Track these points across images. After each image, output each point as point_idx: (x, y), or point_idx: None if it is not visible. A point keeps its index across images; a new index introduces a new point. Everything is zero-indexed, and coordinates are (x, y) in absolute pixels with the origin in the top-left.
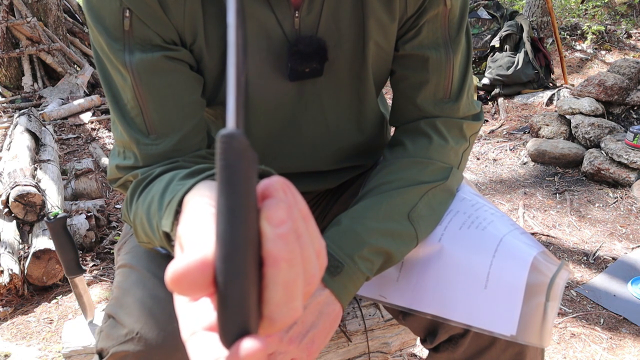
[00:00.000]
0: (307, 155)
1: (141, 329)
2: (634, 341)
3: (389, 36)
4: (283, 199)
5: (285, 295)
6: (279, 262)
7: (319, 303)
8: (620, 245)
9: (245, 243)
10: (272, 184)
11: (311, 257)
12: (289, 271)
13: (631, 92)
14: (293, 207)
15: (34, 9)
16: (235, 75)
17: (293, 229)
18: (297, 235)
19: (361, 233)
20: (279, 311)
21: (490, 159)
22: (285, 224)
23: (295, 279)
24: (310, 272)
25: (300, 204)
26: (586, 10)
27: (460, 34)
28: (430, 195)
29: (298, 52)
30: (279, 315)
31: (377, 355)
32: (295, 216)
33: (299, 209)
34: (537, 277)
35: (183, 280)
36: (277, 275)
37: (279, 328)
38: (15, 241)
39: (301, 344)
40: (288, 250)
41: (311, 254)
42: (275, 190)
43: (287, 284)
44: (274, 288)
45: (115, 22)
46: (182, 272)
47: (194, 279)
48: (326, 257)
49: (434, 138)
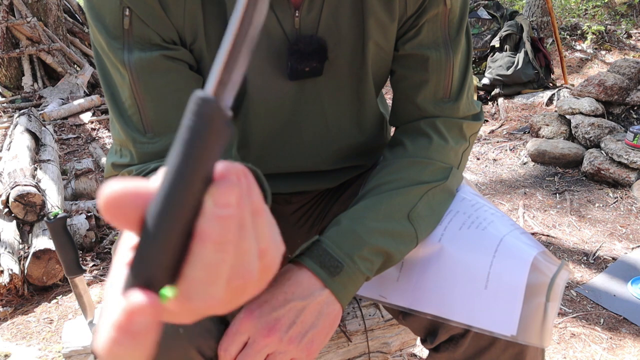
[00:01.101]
0: (307, 155)
1: None
2: (634, 341)
3: (389, 36)
4: (236, 184)
5: (203, 276)
6: (206, 240)
7: (319, 303)
8: (620, 245)
9: (181, 207)
10: (233, 168)
11: (250, 252)
12: (214, 254)
13: (631, 92)
14: (244, 197)
15: (34, 9)
16: (232, 44)
17: (236, 216)
18: (240, 225)
19: (361, 233)
20: (193, 290)
21: (490, 159)
22: (229, 207)
23: (219, 264)
24: (245, 267)
25: (254, 197)
26: (586, 10)
27: (460, 34)
28: (430, 195)
29: (298, 51)
30: (192, 294)
31: (377, 355)
32: (244, 206)
33: (252, 202)
34: (537, 277)
35: (114, 201)
36: (201, 253)
37: (191, 309)
38: (15, 241)
39: (301, 344)
40: (220, 233)
41: (251, 249)
42: (233, 174)
43: (207, 266)
44: (193, 264)
45: (115, 20)
46: (116, 193)
47: (124, 203)
48: (276, 263)
49: (434, 138)
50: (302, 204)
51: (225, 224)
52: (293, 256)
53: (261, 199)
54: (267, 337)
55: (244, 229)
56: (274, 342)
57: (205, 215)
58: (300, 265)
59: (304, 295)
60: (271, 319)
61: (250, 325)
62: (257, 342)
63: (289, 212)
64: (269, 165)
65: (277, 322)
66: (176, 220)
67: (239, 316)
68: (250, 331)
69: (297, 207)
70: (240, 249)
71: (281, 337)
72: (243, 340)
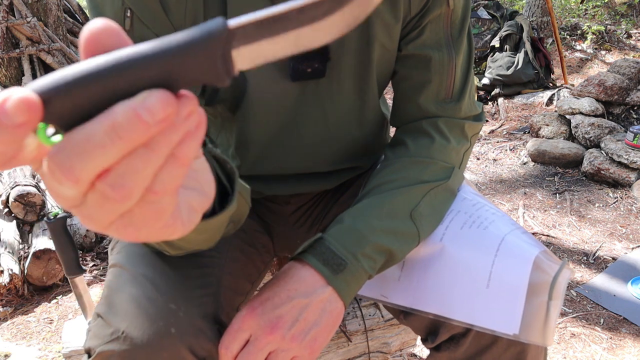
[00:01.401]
0: (307, 155)
1: (127, 328)
2: (634, 341)
3: (394, 37)
4: (173, 107)
5: (81, 146)
6: (107, 118)
7: (322, 300)
8: (620, 245)
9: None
10: (194, 101)
11: (135, 174)
12: (103, 136)
13: (631, 92)
14: (173, 131)
15: (34, 9)
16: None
17: (145, 130)
18: (147, 144)
19: (364, 231)
20: (67, 151)
21: (490, 159)
22: (150, 115)
23: (100, 147)
24: (120, 183)
25: (186, 148)
26: (586, 10)
27: (462, 35)
28: (432, 194)
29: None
30: (64, 155)
31: (377, 355)
32: (165, 136)
33: (181, 148)
34: (539, 275)
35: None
36: (96, 126)
37: (58, 173)
38: (15, 241)
39: (303, 342)
40: (120, 124)
41: (138, 174)
42: (190, 103)
43: (91, 140)
44: (83, 129)
45: (117, 21)
46: (102, 28)
47: (107, 36)
48: (170, 224)
49: (435, 138)
50: (301, 204)
51: (133, 124)
52: (296, 253)
53: (192, 157)
54: (269, 335)
55: (148, 151)
56: (277, 340)
57: (128, 102)
58: (303, 262)
59: (307, 293)
60: (274, 316)
61: (253, 323)
62: (259, 340)
63: (288, 212)
64: (269, 166)
65: (280, 319)
66: (111, 78)
67: (241, 313)
68: (253, 329)
69: (296, 208)
70: (130, 163)
71: (284, 334)
72: (245, 338)
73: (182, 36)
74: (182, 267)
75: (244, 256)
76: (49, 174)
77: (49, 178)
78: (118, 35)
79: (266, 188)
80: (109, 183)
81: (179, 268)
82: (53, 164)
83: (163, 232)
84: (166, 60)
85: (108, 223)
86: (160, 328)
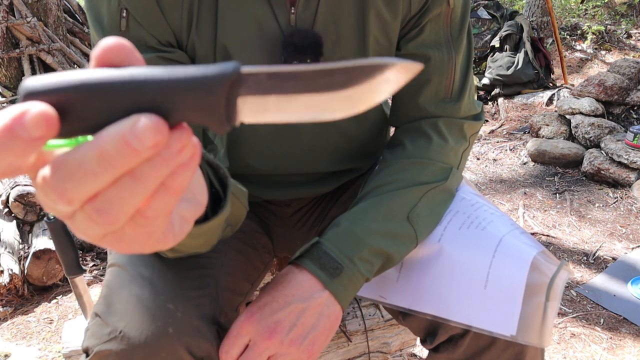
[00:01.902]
0: (306, 156)
1: (124, 328)
2: (634, 341)
3: (390, 34)
4: (162, 137)
5: (73, 166)
6: (96, 142)
7: (319, 305)
8: (620, 245)
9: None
10: (189, 136)
11: (121, 200)
12: (92, 161)
13: (631, 92)
14: (166, 161)
15: (34, 9)
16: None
17: (132, 157)
18: (134, 171)
19: (361, 234)
20: (54, 176)
21: (490, 159)
22: (139, 142)
23: (88, 171)
24: (103, 206)
25: (179, 179)
26: (586, 10)
27: (462, 34)
28: (430, 195)
29: (292, 44)
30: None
31: (377, 355)
32: (158, 165)
33: (174, 178)
34: (537, 277)
35: (113, 49)
36: (88, 146)
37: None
38: (15, 241)
39: (302, 346)
40: (108, 151)
41: (125, 198)
42: (184, 136)
43: (81, 160)
44: (77, 149)
45: (113, 21)
46: (116, 45)
47: (118, 54)
48: (157, 242)
49: (433, 138)
50: (301, 206)
51: (122, 152)
52: (293, 258)
53: (185, 187)
54: (268, 340)
55: (135, 181)
56: (275, 345)
57: (116, 127)
58: (300, 267)
59: (305, 297)
60: (272, 321)
61: (251, 328)
62: (258, 345)
63: (288, 214)
64: (266, 166)
65: (278, 324)
66: (112, 92)
67: (240, 319)
68: (251, 334)
69: (296, 209)
70: (117, 191)
71: (282, 339)
72: (244, 343)
73: (193, 69)
74: (181, 268)
75: (243, 257)
76: (42, 190)
77: (41, 192)
78: (130, 53)
79: (265, 193)
80: (95, 208)
81: (177, 268)
82: (47, 185)
83: (155, 246)
84: (171, 87)
85: (99, 238)
86: (158, 328)
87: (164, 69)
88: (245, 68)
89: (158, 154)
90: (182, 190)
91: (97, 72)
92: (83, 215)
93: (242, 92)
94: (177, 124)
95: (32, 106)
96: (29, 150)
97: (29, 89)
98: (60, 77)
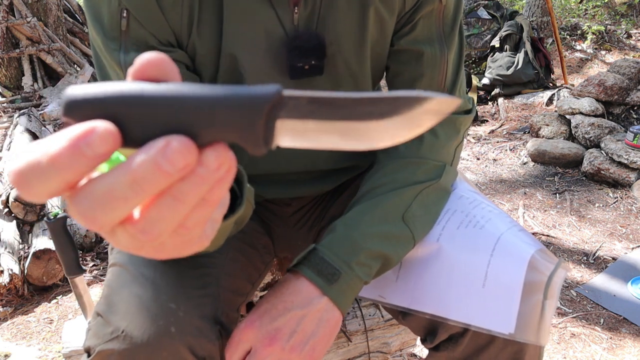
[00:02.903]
0: (306, 154)
1: (127, 327)
2: (634, 341)
3: (386, 32)
4: (191, 157)
5: (99, 198)
6: (131, 162)
7: (319, 311)
8: (620, 245)
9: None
10: (227, 155)
11: (161, 218)
12: (127, 184)
13: (631, 92)
14: (201, 180)
15: (34, 9)
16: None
17: (167, 176)
18: (173, 192)
19: (357, 239)
20: (82, 204)
21: (490, 159)
22: (171, 165)
23: (120, 190)
24: (154, 227)
25: (217, 192)
26: (586, 10)
27: (454, 30)
28: (424, 194)
29: (297, 48)
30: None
31: (377, 355)
32: (195, 185)
33: (212, 191)
34: (534, 275)
35: (154, 63)
36: (113, 178)
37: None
38: (15, 241)
39: (302, 352)
40: (142, 172)
41: (166, 217)
42: (220, 153)
43: (107, 192)
44: (101, 181)
45: (113, 22)
46: (156, 59)
47: (159, 65)
48: (188, 249)
49: (425, 136)
50: (302, 205)
51: (154, 175)
52: (291, 266)
53: (220, 198)
54: (269, 347)
55: (177, 202)
56: (276, 351)
57: (146, 151)
58: (298, 274)
59: (303, 304)
60: (272, 328)
61: (252, 335)
62: (259, 352)
63: (288, 213)
64: (266, 165)
65: (278, 331)
66: (153, 115)
67: (240, 326)
68: (252, 341)
69: (297, 209)
70: (160, 212)
71: (283, 346)
72: (246, 349)
73: (235, 88)
74: (182, 267)
75: (243, 257)
76: (72, 214)
77: (72, 215)
78: (170, 68)
79: (266, 192)
80: (139, 229)
81: (178, 268)
82: (76, 212)
83: (190, 251)
84: (212, 104)
85: (137, 249)
86: (160, 327)
87: (204, 87)
88: (287, 91)
89: (196, 173)
90: (220, 201)
91: (137, 86)
92: (125, 233)
93: (282, 115)
94: (214, 141)
95: (97, 125)
96: (91, 168)
97: (71, 98)
98: (102, 89)
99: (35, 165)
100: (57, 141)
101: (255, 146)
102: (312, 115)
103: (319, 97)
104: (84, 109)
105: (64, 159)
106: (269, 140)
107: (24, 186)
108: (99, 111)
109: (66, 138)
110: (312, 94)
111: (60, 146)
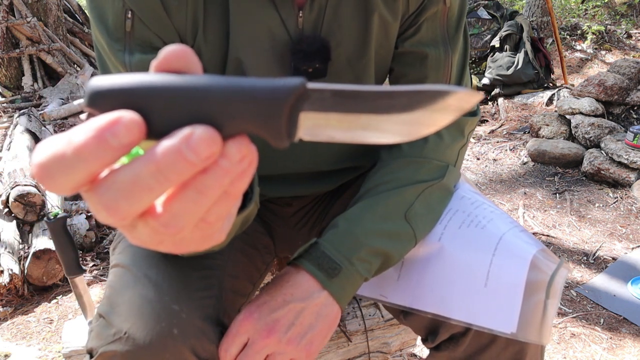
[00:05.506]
0: (308, 155)
1: (129, 329)
2: (634, 341)
3: (391, 35)
4: (215, 148)
5: (123, 188)
6: (156, 151)
7: (318, 304)
8: (620, 245)
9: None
10: (250, 148)
11: (186, 211)
12: (151, 172)
13: (631, 92)
14: (223, 171)
15: (34, 9)
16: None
17: (190, 166)
18: (197, 185)
19: (358, 235)
20: (106, 194)
21: (490, 159)
22: (195, 154)
23: (144, 179)
24: (177, 220)
25: (238, 184)
26: (586, 10)
27: (458, 33)
28: (427, 194)
29: (301, 51)
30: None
31: (377, 355)
32: (219, 176)
33: (233, 183)
34: (536, 274)
35: (177, 55)
36: (137, 167)
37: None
38: (15, 241)
39: (300, 345)
40: (167, 163)
41: (188, 209)
42: (243, 146)
43: (132, 182)
44: (124, 171)
45: (118, 22)
46: (181, 51)
47: (182, 57)
48: (208, 242)
49: (429, 136)
50: (302, 205)
51: (178, 165)
52: (291, 259)
53: (241, 191)
54: (266, 338)
55: (200, 195)
56: (273, 343)
57: (170, 141)
58: (298, 267)
59: (303, 297)
60: (270, 320)
61: (250, 327)
62: (256, 343)
63: (289, 213)
64: (269, 166)
65: (277, 323)
66: (177, 106)
67: (239, 318)
68: (250, 332)
69: (298, 209)
70: (183, 206)
71: (280, 338)
72: (243, 341)
73: (258, 80)
74: (185, 269)
75: (245, 257)
76: (92, 207)
77: (91, 209)
78: (193, 60)
79: (268, 190)
80: (162, 222)
81: (181, 269)
82: (98, 203)
83: (209, 245)
84: (236, 96)
85: (157, 244)
86: (163, 329)
87: (229, 79)
88: (311, 84)
89: (219, 165)
90: (241, 194)
91: (162, 77)
92: (146, 227)
93: (305, 108)
94: (237, 134)
95: (123, 115)
96: (115, 159)
97: (95, 89)
98: (127, 79)
99: (60, 157)
100: (82, 132)
101: (278, 139)
102: (334, 108)
103: (343, 90)
104: (108, 99)
105: (90, 149)
106: (292, 132)
107: (47, 179)
108: (123, 102)
109: (92, 128)
110: (335, 86)
111: (85, 136)
